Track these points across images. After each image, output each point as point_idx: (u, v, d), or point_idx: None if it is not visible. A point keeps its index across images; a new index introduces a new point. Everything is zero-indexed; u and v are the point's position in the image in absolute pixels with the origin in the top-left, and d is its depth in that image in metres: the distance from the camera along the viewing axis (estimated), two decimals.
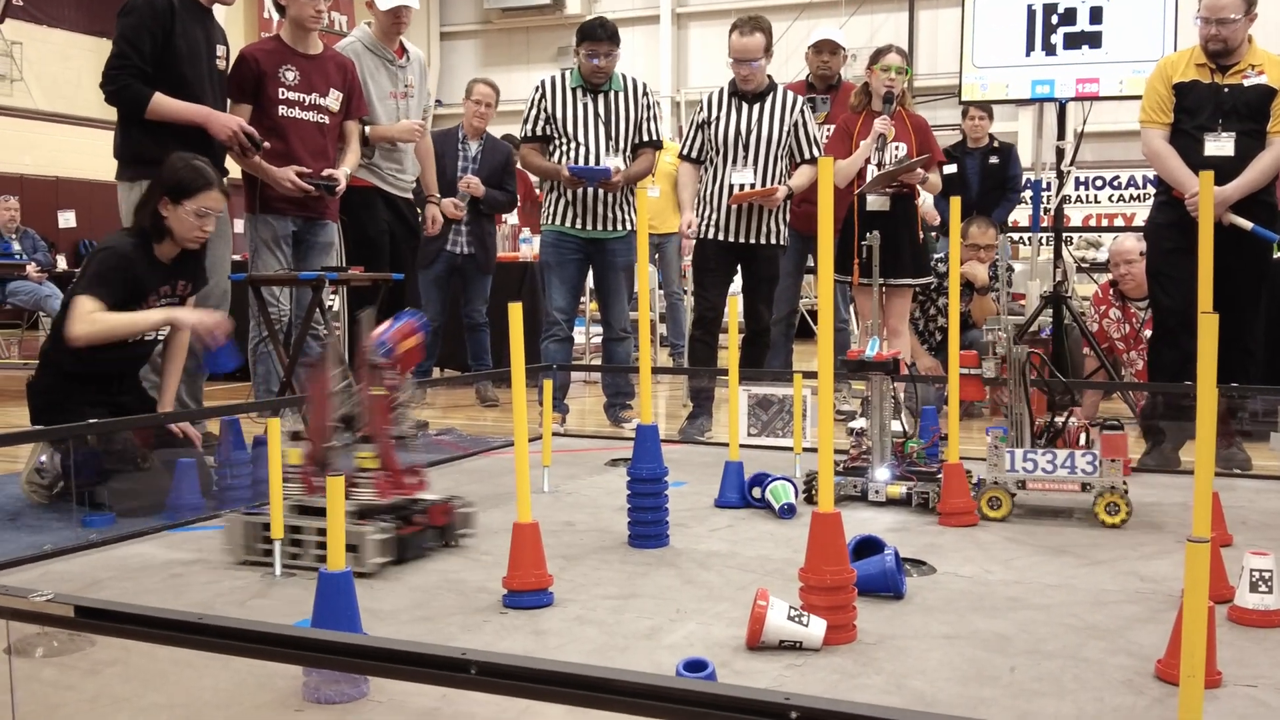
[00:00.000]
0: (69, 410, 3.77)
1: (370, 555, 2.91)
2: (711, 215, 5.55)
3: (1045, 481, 3.55)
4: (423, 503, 3.17)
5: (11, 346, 11.30)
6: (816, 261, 6.26)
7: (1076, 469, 3.54)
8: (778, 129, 5.53)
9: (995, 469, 3.55)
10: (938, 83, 16.16)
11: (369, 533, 2.92)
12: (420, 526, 3.11)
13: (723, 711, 1.30)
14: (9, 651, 2.25)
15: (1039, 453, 3.55)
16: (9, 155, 15.58)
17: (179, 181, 3.91)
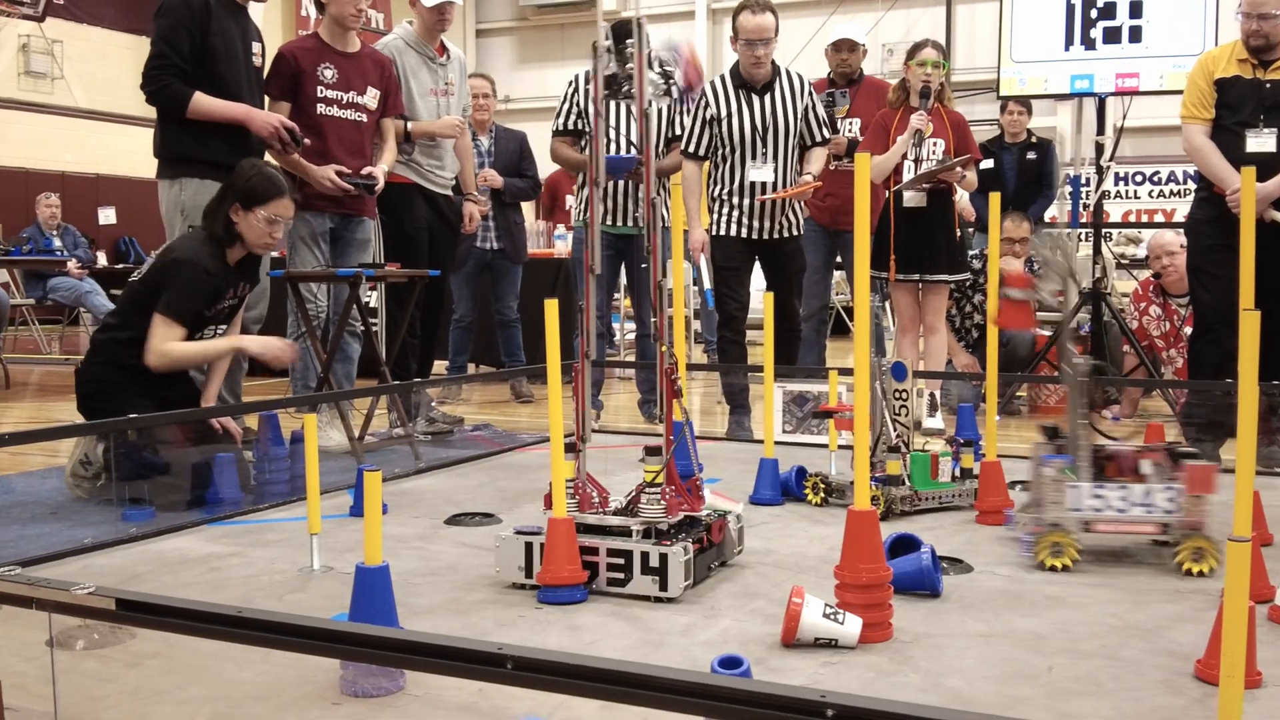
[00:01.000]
0: (117, 401, 3.81)
1: (679, 579, 2.66)
2: (730, 212, 5.50)
3: (1117, 523, 2.97)
4: (708, 519, 2.89)
5: (53, 342, 11.44)
6: (845, 257, 6.30)
7: (1155, 507, 2.95)
8: (793, 119, 5.46)
9: (1057, 506, 2.95)
10: (975, 78, 16.04)
11: (676, 555, 2.66)
12: (703, 545, 2.83)
13: (758, 709, 1.30)
14: (51, 644, 2.28)
15: (1109, 486, 2.96)
16: (50, 153, 15.77)
17: (252, 189, 3.96)
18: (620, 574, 2.69)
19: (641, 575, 2.67)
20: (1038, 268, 6.46)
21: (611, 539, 2.73)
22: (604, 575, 2.71)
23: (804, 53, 14.32)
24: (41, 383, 8.41)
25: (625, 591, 2.68)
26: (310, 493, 2.91)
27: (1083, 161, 7.25)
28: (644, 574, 2.67)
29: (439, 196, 5.57)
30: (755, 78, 5.45)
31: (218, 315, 4.07)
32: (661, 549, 2.66)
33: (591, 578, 2.71)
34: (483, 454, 4.92)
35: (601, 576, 2.71)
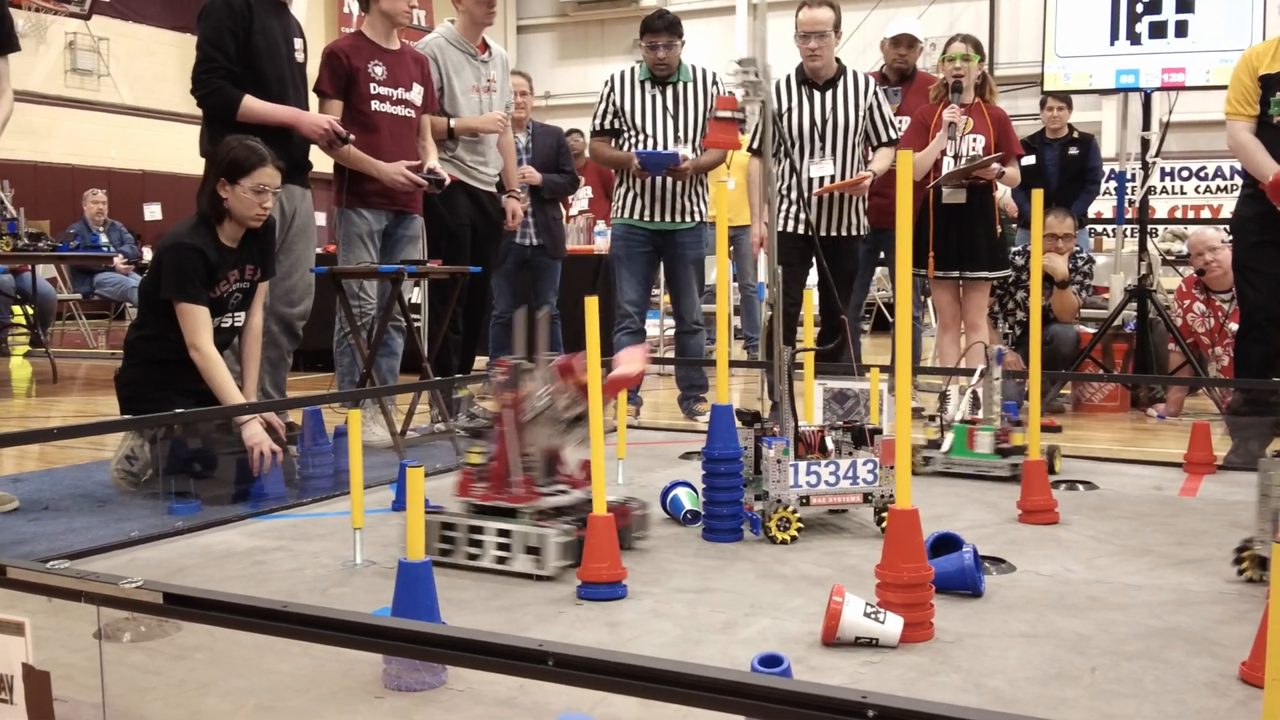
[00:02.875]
0: (156, 398, 3.86)
1: (553, 559, 2.83)
2: (789, 208, 5.52)
3: (829, 495, 3.27)
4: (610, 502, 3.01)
5: (99, 336, 11.58)
6: (886, 254, 6.27)
7: (859, 479, 3.28)
8: (853, 116, 5.47)
9: (779, 485, 3.20)
10: (1019, 72, 15.92)
11: (551, 535, 2.83)
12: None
13: (799, 708, 1.30)
14: (99, 636, 2.31)
15: (822, 464, 3.25)
16: (97, 149, 15.96)
17: (234, 161, 3.97)
18: (506, 554, 2.89)
19: (524, 554, 2.87)
20: (1081, 263, 6.41)
21: (499, 520, 2.92)
22: (490, 554, 2.91)
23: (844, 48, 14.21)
24: (88, 377, 8.52)
25: (508, 569, 2.87)
26: (354, 488, 2.94)
27: (1128, 157, 7.17)
28: (525, 553, 2.87)
29: (482, 193, 5.58)
30: (816, 73, 5.47)
31: (228, 298, 4.09)
32: (540, 530, 2.84)
33: (477, 556, 2.92)
34: None
35: (488, 555, 2.91)
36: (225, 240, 4.03)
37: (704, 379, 6.00)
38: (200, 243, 3.95)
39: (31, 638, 1.62)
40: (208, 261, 3.94)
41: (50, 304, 9.69)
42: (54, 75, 15.63)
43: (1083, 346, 6.37)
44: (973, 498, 3.82)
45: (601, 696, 1.94)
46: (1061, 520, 3.45)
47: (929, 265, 5.57)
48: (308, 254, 4.73)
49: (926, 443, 4.29)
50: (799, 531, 3.20)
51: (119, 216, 11.52)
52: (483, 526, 2.92)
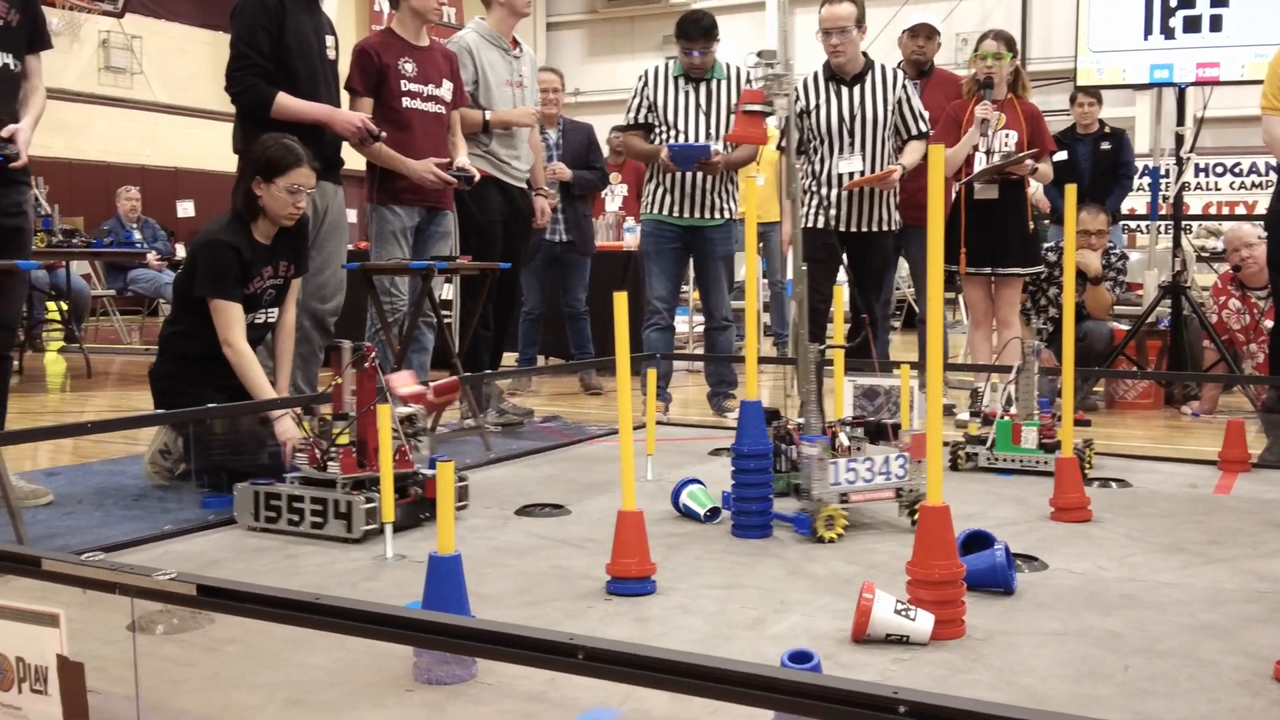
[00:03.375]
0: (191, 394, 3.89)
1: (359, 523, 3.15)
2: (819, 205, 5.50)
3: (865, 491, 3.25)
4: (420, 476, 3.39)
5: (133, 332, 11.69)
6: (908, 250, 6.24)
7: (891, 474, 3.27)
8: (882, 110, 5.45)
9: (821, 484, 3.18)
10: (1052, 67, 15.83)
11: (358, 502, 3.16)
12: (414, 498, 3.35)
13: (830, 704, 1.29)
14: (133, 628, 2.33)
15: (858, 461, 3.23)
16: (130, 147, 16.09)
17: (270, 160, 3.99)
18: (320, 519, 3.22)
19: (335, 519, 3.19)
20: (1115, 259, 6.37)
21: (317, 489, 3.24)
22: (308, 520, 3.23)
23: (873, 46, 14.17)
24: (122, 372, 8.59)
25: (322, 533, 3.20)
26: (384, 482, 2.95)
27: (1162, 153, 7.11)
28: (336, 519, 3.19)
29: (514, 189, 5.59)
30: (841, 69, 5.45)
31: (261, 295, 4.11)
32: (348, 498, 3.17)
33: (298, 522, 3.25)
34: (552, 445, 4.95)
35: (306, 521, 3.23)
36: (259, 237, 4.06)
37: (733, 375, 5.99)
38: (234, 240, 3.97)
39: (66, 629, 1.63)
40: (242, 258, 3.97)
41: (84, 300, 9.78)
42: (87, 73, 15.76)
43: (1116, 343, 6.33)
44: (1004, 495, 3.80)
45: (631, 690, 1.94)
46: (1094, 518, 3.42)
47: (960, 261, 5.54)
48: (340, 250, 4.75)
49: (967, 438, 4.29)
50: (844, 529, 3.17)
51: (152, 213, 11.60)
52: (303, 496, 3.26)
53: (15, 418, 4.74)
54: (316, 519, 3.23)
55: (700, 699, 1.58)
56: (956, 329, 8.71)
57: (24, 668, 1.66)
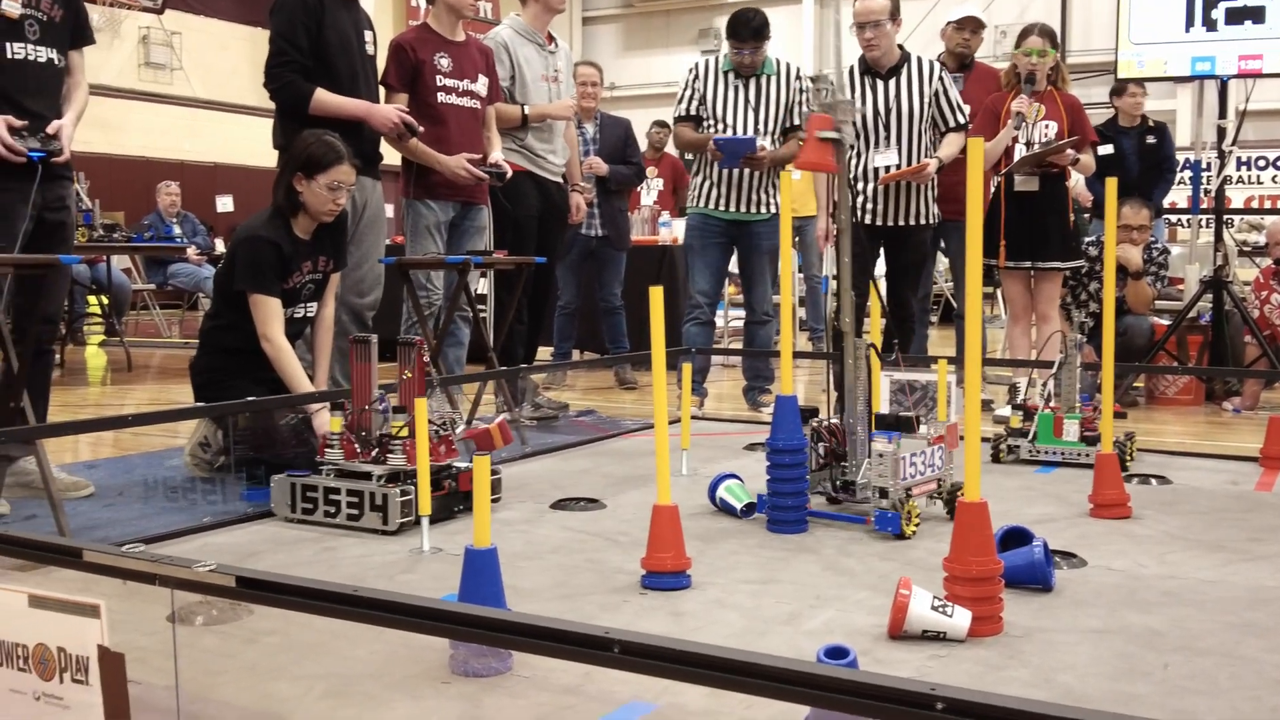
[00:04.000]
0: (230, 387, 3.92)
1: (395, 515, 3.17)
2: (855, 199, 5.48)
3: (920, 485, 3.25)
4: (454, 469, 3.39)
5: (173, 326, 11.79)
6: (947, 243, 6.19)
7: (935, 465, 3.31)
8: (918, 103, 5.41)
9: (894, 479, 3.16)
10: (1091, 60, 15.67)
11: (394, 495, 3.17)
12: (447, 490, 3.35)
13: (867, 700, 1.29)
14: (173, 619, 2.35)
15: (915, 454, 3.24)
16: (170, 142, 16.22)
17: (311, 157, 4.02)
18: (356, 511, 3.24)
19: (371, 511, 3.20)
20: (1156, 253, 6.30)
21: (353, 481, 3.26)
22: (344, 512, 3.26)
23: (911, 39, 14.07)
24: (162, 365, 8.67)
25: (358, 525, 3.22)
26: (421, 475, 2.96)
27: (1204, 146, 7.03)
28: (372, 511, 3.20)
29: (549, 183, 5.60)
30: (876, 62, 5.42)
31: (300, 290, 4.14)
32: (384, 489, 3.18)
33: (335, 514, 3.28)
34: (587, 439, 4.95)
35: (342, 513, 3.26)
36: (299, 232, 4.08)
37: (769, 370, 5.97)
38: (274, 235, 4.00)
39: (107, 620, 1.65)
40: (281, 254, 4.00)
41: (125, 294, 9.88)
42: (128, 69, 15.90)
43: (1157, 338, 6.26)
44: (1043, 491, 3.78)
45: (666, 685, 1.94)
46: (1134, 515, 3.39)
47: (999, 255, 5.50)
48: (378, 245, 4.78)
49: (1009, 431, 4.28)
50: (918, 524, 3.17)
51: (192, 208, 11.68)
52: (339, 489, 3.29)
53: (57, 410, 4.80)
54: (352, 511, 3.25)
55: (737, 694, 1.58)
56: (995, 324, 8.65)
57: (65, 658, 1.68)
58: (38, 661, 1.71)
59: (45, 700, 1.71)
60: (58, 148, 3.69)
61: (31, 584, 1.75)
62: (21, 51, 3.65)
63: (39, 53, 3.70)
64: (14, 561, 2.01)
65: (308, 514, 3.34)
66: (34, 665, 1.71)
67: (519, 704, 1.99)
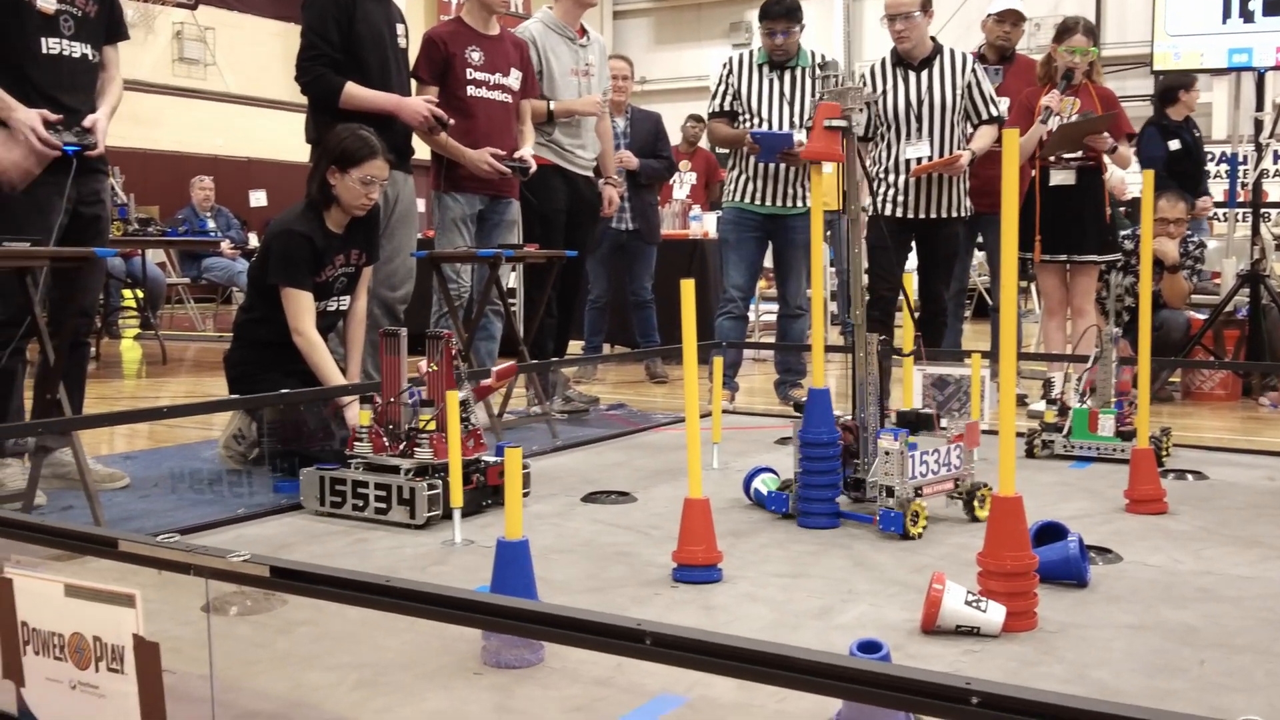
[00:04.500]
0: (264, 380, 3.95)
1: (423, 509, 3.17)
2: (886, 191, 5.45)
3: (933, 484, 3.21)
4: (483, 463, 3.38)
5: (207, 319, 11.88)
6: (985, 237, 6.15)
7: (952, 465, 3.26)
8: (950, 95, 5.36)
9: (901, 479, 3.10)
10: (1127, 52, 15.53)
11: (421, 488, 3.17)
12: (476, 484, 3.34)
13: (901, 694, 1.28)
14: (207, 609, 2.37)
15: (928, 453, 3.18)
16: (204, 137, 16.33)
17: (345, 151, 4.03)
18: (384, 504, 3.24)
19: (398, 505, 3.20)
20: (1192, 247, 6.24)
21: (381, 475, 3.26)
22: (372, 505, 3.26)
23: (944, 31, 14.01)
24: (196, 359, 8.74)
25: (386, 519, 3.23)
26: (452, 468, 2.97)
27: (1240, 139, 6.95)
28: (399, 504, 3.20)
29: (578, 178, 5.60)
30: (908, 54, 5.39)
31: (333, 283, 4.16)
32: (411, 483, 3.17)
33: (363, 507, 3.29)
34: (618, 433, 4.96)
35: (370, 506, 3.26)
36: (332, 226, 4.10)
37: (801, 364, 5.96)
38: (307, 229, 4.02)
39: (142, 609, 1.66)
40: (314, 248, 4.02)
41: (160, 288, 9.96)
42: (161, 64, 16.02)
43: (1193, 333, 6.20)
44: (1078, 486, 3.75)
45: (698, 677, 1.94)
46: (1169, 510, 3.36)
47: (1035, 248, 5.45)
48: (409, 239, 4.80)
49: (1044, 425, 4.26)
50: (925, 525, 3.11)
51: (225, 203, 11.76)
52: (367, 482, 3.29)
53: (92, 403, 4.84)
54: (380, 504, 3.26)
55: (768, 687, 1.57)
56: (1029, 318, 8.58)
57: (101, 647, 1.69)
58: (74, 650, 1.73)
59: (81, 689, 1.73)
60: (92, 142, 3.72)
61: (68, 574, 1.76)
62: (56, 47, 3.68)
63: (74, 48, 3.72)
64: (51, 551, 2.03)
65: (336, 507, 3.34)
66: (70, 654, 1.73)
67: (550, 695, 2.00)
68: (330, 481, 3.37)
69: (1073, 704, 1.20)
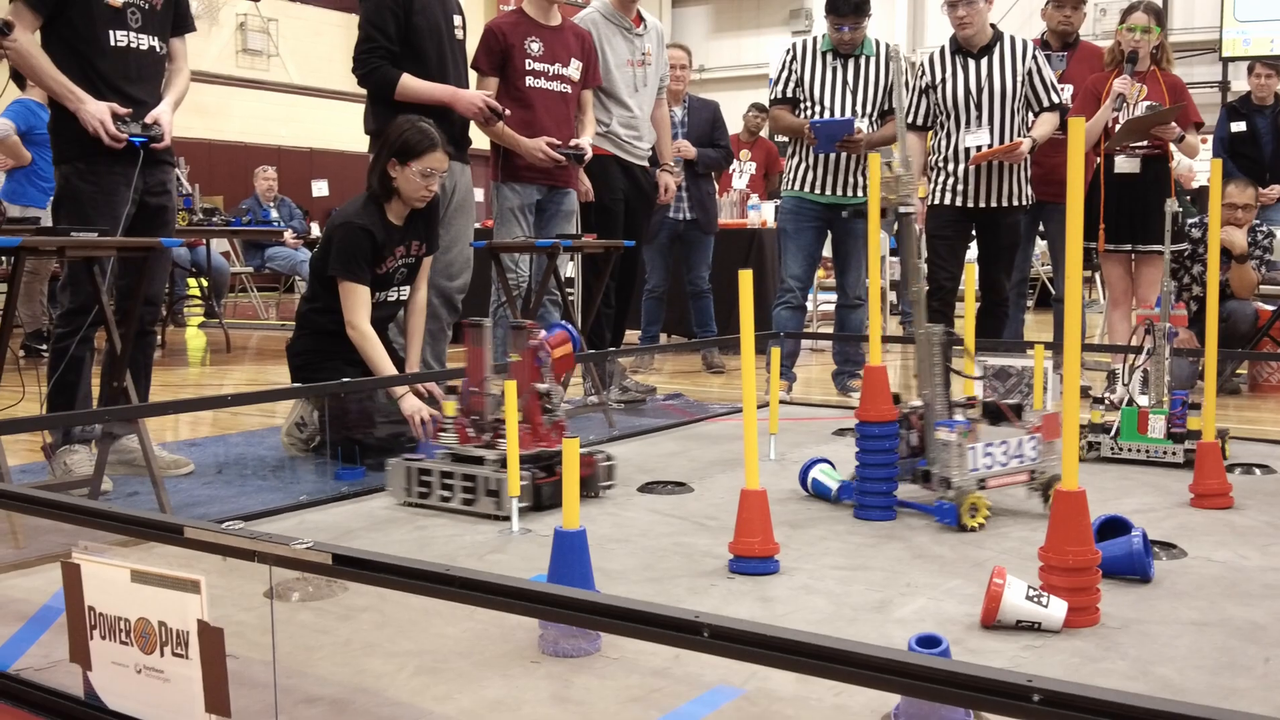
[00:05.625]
0: (326, 368, 3.99)
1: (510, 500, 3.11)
2: (946, 180, 5.39)
3: (1002, 476, 3.15)
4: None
5: (270, 308, 12.03)
6: (1047, 226, 6.07)
7: (1025, 456, 3.19)
8: (1010, 82, 5.29)
9: (960, 470, 3.06)
10: (1195, 38, 15.23)
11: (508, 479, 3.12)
12: (558, 476, 3.21)
13: (961, 690, 1.27)
14: (270, 595, 2.40)
15: (994, 444, 3.13)
16: (267, 128, 16.54)
17: (405, 143, 4.06)
18: (470, 495, 3.23)
19: (485, 496, 3.18)
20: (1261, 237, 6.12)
21: (467, 466, 3.25)
22: (459, 497, 3.25)
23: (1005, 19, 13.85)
24: (259, 347, 8.85)
25: (472, 510, 3.21)
26: (510, 457, 2.98)
27: None
28: (486, 495, 3.18)
29: (636, 167, 5.60)
30: (969, 41, 5.32)
31: (393, 274, 4.19)
32: (499, 475, 3.13)
33: (448, 499, 3.27)
34: (675, 423, 4.95)
35: (457, 498, 3.25)
36: (392, 218, 4.13)
37: (859, 355, 5.92)
38: (368, 222, 4.06)
39: (207, 595, 1.69)
40: (374, 241, 4.05)
41: (224, 277, 10.10)
42: (226, 56, 16.23)
43: (1261, 324, 6.08)
44: (1142, 480, 3.69)
45: (755, 670, 1.93)
46: (1235, 505, 3.30)
47: (1099, 238, 5.38)
48: (467, 229, 4.82)
49: (1090, 426, 4.08)
50: (986, 518, 3.06)
51: (288, 193, 11.90)
52: (453, 472, 3.27)
53: (158, 391, 4.92)
54: (467, 495, 3.24)
55: (826, 681, 1.56)
56: (1093, 308, 8.46)
57: (166, 632, 1.72)
58: (139, 635, 1.76)
59: (146, 673, 1.76)
60: (159, 133, 3.77)
61: (134, 559, 1.79)
62: (124, 39, 3.74)
63: (141, 40, 3.78)
64: (117, 537, 2.06)
65: (423, 497, 3.34)
66: (135, 639, 1.76)
67: (608, 685, 2.00)
68: (417, 472, 3.37)
69: (1136, 702, 1.18)
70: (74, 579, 1.82)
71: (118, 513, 2.00)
